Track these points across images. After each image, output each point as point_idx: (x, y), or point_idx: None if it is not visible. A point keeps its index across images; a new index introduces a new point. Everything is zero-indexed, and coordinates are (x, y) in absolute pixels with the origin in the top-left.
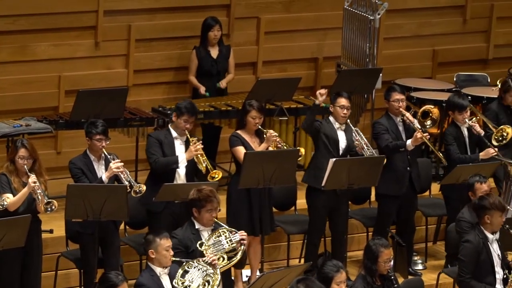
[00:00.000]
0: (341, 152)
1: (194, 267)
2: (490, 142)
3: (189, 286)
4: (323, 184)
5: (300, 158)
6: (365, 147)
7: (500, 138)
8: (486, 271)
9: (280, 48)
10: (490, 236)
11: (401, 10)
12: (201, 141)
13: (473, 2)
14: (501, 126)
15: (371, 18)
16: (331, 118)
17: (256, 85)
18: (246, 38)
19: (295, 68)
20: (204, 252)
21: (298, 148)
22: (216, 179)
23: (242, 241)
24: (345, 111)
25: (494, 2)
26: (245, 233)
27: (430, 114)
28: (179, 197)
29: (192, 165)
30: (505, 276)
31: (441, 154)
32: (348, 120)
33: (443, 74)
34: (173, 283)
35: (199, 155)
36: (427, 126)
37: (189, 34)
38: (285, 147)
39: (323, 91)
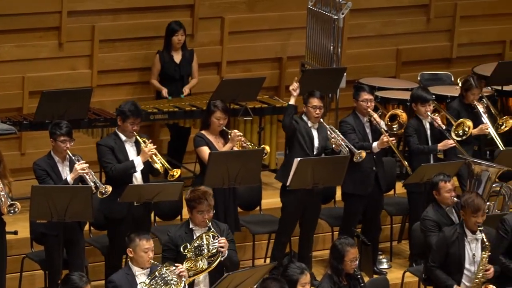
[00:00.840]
0: (315, 151)
1: (162, 273)
2: (452, 138)
3: None
4: (288, 184)
5: (265, 157)
6: (343, 143)
7: (461, 133)
8: (454, 266)
9: (244, 48)
10: (469, 234)
11: (365, 10)
12: (150, 140)
13: (437, 1)
14: (461, 119)
15: (335, 17)
16: (304, 117)
17: (221, 85)
18: (210, 38)
19: (259, 68)
20: (187, 255)
21: (263, 146)
22: (175, 177)
23: (220, 249)
24: (317, 111)
25: (457, 1)
26: (225, 241)
27: (398, 118)
28: (143, 197)
29: (146, 166)
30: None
31: (406, 163)
32: (322, 119)
33: (407, 73)
34: (138, 283)
35: (153, 156)
36: (394, 130)
37: (153, 34)
38: (250, 147)
39: (295, 85)
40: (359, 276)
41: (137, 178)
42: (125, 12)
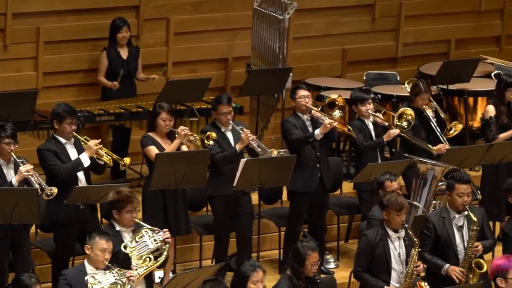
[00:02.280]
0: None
1: (111, 274)
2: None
3: (94, 285)
4: (234, 184)
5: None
6: (254, 144)
7: (406, 124)
8: (380, 267)
9: (190, 49)
10: (391, 233)
11: (310, 10)
12: (100, 140)
13: (382, 1)
14: (400, 109)
15: (281, 17)
16: (217, 123)
17: (166, 86)
18: (156, 39)
19: (205, 68)
20: (130, 254)
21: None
22: (127, 166)
23: (166, 240)
24: (228, 117)
25: (402, 0)
26: (168, 232)
27: (336, 103)
28: (90, 199)
29: (88, 166)
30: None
31: (354, 133)
32: (231, 121)
33: (352, 73)
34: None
35: (99, 150)
36: (336, 116)
37: (99, 36)
38: (198, 141)
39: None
40: (318, 281)
41: (81, 180)
42: (70, 13)
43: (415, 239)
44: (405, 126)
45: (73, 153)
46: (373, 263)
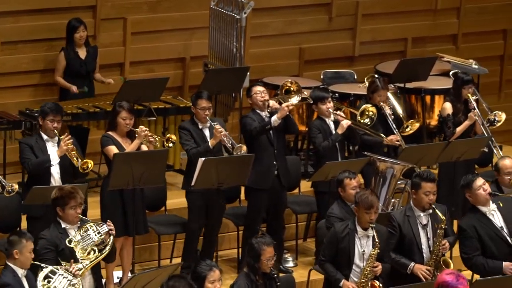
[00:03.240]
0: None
1: (60, 274)
2: (362, 126)
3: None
4: (192, 184)
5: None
6: (225, 139)
7: (368, 121)
8: (343, 261)
9: (147, 49)
10: (360, 230)
11: (267, 9)
12: (70, 136)
13: (339, 0)
14: (362, 106)
15: (238, 17)
16: (195, 119)
17: (124, 86)
18: (113, 39)
19: (162, 68)
20: (74, 248)
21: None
22: (89, 170)
23: (110, 231)
24: (207, 112)
25: None
26: (112, 224)
27: (292, 89)
28: (48, 199)
29: (67, 166)
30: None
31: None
32: (208, 118)
33: (310, 72)
34: (38, 284)
35: (70, 151)
36: (295, 101)
37: (55, 36)
38: (157, 142)
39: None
40: (275, 276)
41: (55, 178)
42: (27, 13)
43: (377, 240)
44: (368, 123)
45: (52, 151)
46: (337, 256)
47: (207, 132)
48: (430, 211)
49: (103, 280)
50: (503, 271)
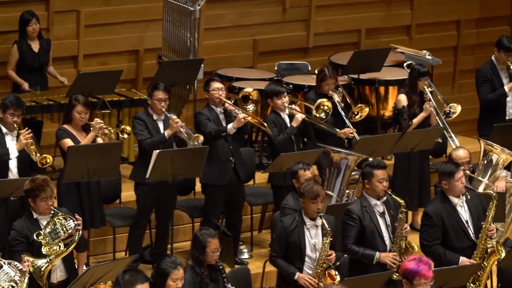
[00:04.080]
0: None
1: (6, 268)
2: (316, 121)
3: None
4: (147, 176)
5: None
6: (182, 130)
7: (324, 115)
8: (295, 254)
9: (100, 41)
10: (308, 221)
11: (221, 1)
12: (30, 130)
13: None
14: (318, 101)
15: (191, 9)
16: (150, 110)
17: (78, 78)
18: (66, 32)
19: (116, 60)
20: (42, 242)
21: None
22: (48, 165)
23: (77, 227)
24: (163, 104)
25: None
26: (80, 218)
27: (250, 97)
28: (3, 193)
29: (25, 160)
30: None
31: (269, 130)
32: (164, 109)
33: (264, 63)
34: None
35: (29, 146)
36: (250, 109)
37: (8, 29)
38: (113, 135)
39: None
40: (221, 267)
41: (13, 172)
42: None
43: (328, 229)
44: (324, 117)
45: (11, 145)
46: (288, 250)
47: (161, 125)
48: (384, 198)
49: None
50: (459, 265)
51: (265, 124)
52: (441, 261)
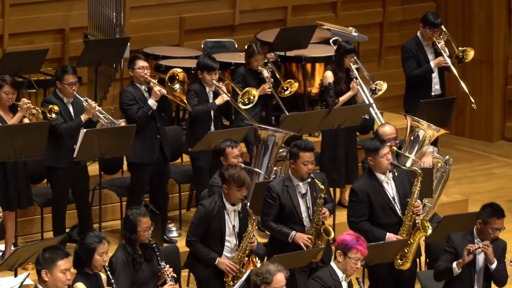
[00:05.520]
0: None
1: None
2: (237, 105)
3: None
4: (74, 156)
5: None
6: (100, 115)
7: (247, 101)
8: (214, 239)
9: (26, 20)
10: (228, 206)
11: None
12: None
13: None
14: (247, 89)
15: None
16: (59, 94)
17: (3, 58)
18: None
19: (42, 40)
20: None
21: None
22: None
23: None
24: (74, 87)
25: None
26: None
27: (177, 77)
28: None
29: None
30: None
31: (189, 106)
32: (75, 93)
33: (190, 41)
34: None
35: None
36: (176, 90)
37: None
38: (40, 114)
39: None
40: (154, 245)
41: None
42: None
43: (254, 216)
44: (246, 103)
45: None
46: (208, 234)
47: (71, 108)
48: (309, 180)
49: None
50: (386, 241)
51: (185, 101)
52: (368, 237)
